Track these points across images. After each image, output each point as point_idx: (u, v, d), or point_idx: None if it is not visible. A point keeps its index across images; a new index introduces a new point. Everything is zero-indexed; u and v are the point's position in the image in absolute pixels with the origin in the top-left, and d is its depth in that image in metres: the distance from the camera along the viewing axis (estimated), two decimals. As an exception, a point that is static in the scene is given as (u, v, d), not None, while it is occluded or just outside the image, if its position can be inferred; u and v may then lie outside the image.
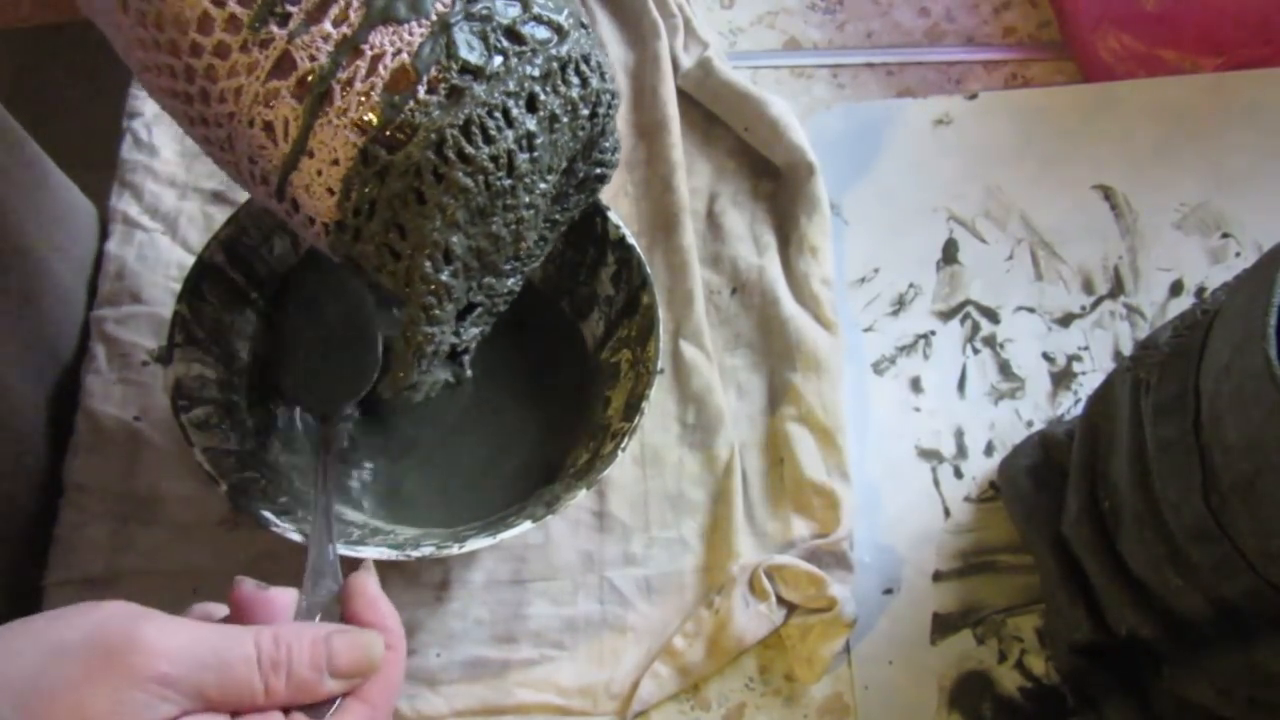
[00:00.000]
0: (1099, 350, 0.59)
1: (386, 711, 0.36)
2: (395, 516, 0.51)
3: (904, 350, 0.59)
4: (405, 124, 0.36)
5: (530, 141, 0.38)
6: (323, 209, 0.38)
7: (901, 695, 0.50)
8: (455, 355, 0.42)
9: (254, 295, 0.52)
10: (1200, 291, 0.60)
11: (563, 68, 0.38)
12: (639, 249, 0.52)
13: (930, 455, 0.56)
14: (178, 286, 0.51)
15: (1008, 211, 0.62)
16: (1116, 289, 0.60)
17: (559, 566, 0.53)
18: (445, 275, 0.38)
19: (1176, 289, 0.60)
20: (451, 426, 0.54)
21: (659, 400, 0.56)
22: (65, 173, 0.60)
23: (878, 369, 0.58)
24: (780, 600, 0.51)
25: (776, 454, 0.55)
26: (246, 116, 0.37)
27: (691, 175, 0.62)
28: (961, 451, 0.56)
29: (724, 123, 0.64)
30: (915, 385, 0.58)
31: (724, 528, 0.53)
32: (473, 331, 0.42)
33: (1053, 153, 0.64)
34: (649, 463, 0.55)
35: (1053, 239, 0.62)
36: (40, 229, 0.57)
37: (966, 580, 0.53)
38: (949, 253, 0.61)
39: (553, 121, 0.38)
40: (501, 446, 0.54)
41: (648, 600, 0.52)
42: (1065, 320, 0.60)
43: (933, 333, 0.59)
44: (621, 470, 0.55)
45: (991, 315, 0.60)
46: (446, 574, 0.53)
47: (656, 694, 0.50)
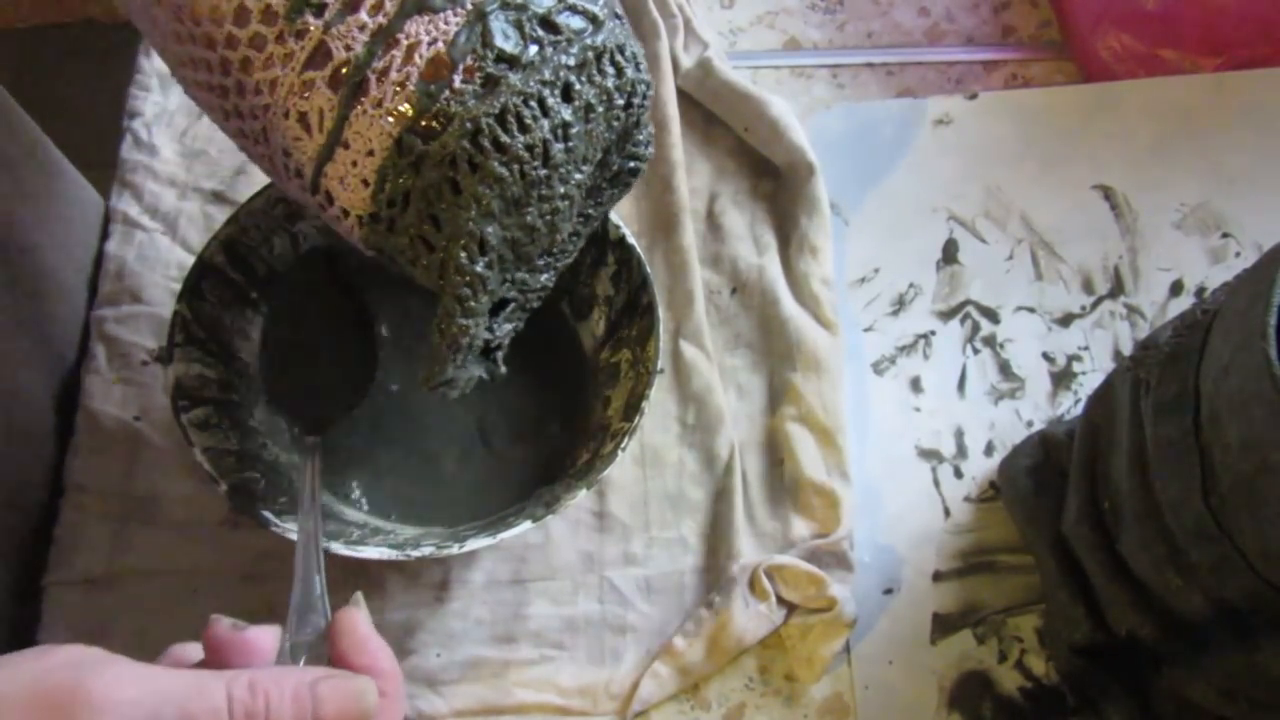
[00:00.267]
0: (1099, 350, 0.59)
1: None
2: (395, 516, 0.52)
3: (904, 350, 0.59)
4: (440, 113, 0.36)
5: (566, 131, 0.37)
6: (356, 201, 0.38)
7: (901, 695, 0.50)
8: (489, 352, 0.42)
9: (254, 295, 0.52)
10: (1200, 291, 0.60)
11: (598, 57, 0.38)
12: (639, 249, 0.52)
13: (930, 455, 0.56)
14: (178, 286, 0.51)
15: (1008, 211, 0.62)
16: (1116, 289, 0.60)
17: (559, 566, 0.53)
18: (480, 266, 0.38)
19: (1176, 289, 0.60)
20: (451, 426, 0.54)
21: (659, 400, 0.56)
22: (66, 173, 0.60)
23: (878, 369, 0.58)
24: (780, 600, 0.51)
25: (776, 454, 0.55)
26: (281, 108, 0.38)
27: (691, 175, 0.62)
28: (961, 451, 0.56)
29: (724, 123, 0.64)
30: (915, 385, 0.58)
31: (724, 528, 0.53)
32: (506, 328, 0.42)
33: (1053, 153, 0.64)
34: (649, 463, 0.55)
35: (1053, 239, 0.62)
36: (49, 228, 0.57)
37: (966, 580, 0.53)
38: (949, 253, 0.61)
39: (588, 111, 0.38)
40: (501, 446, 0.54)
41: (648, 600, 0.52)
42: (1065, 320, 0.60)
43: (933, 333, 0.59)
44: (621, 470, 0.55)
45: (991, 315, 0.60)
46: (446, 574, 0.53)
47: (656, 694, 0.50)
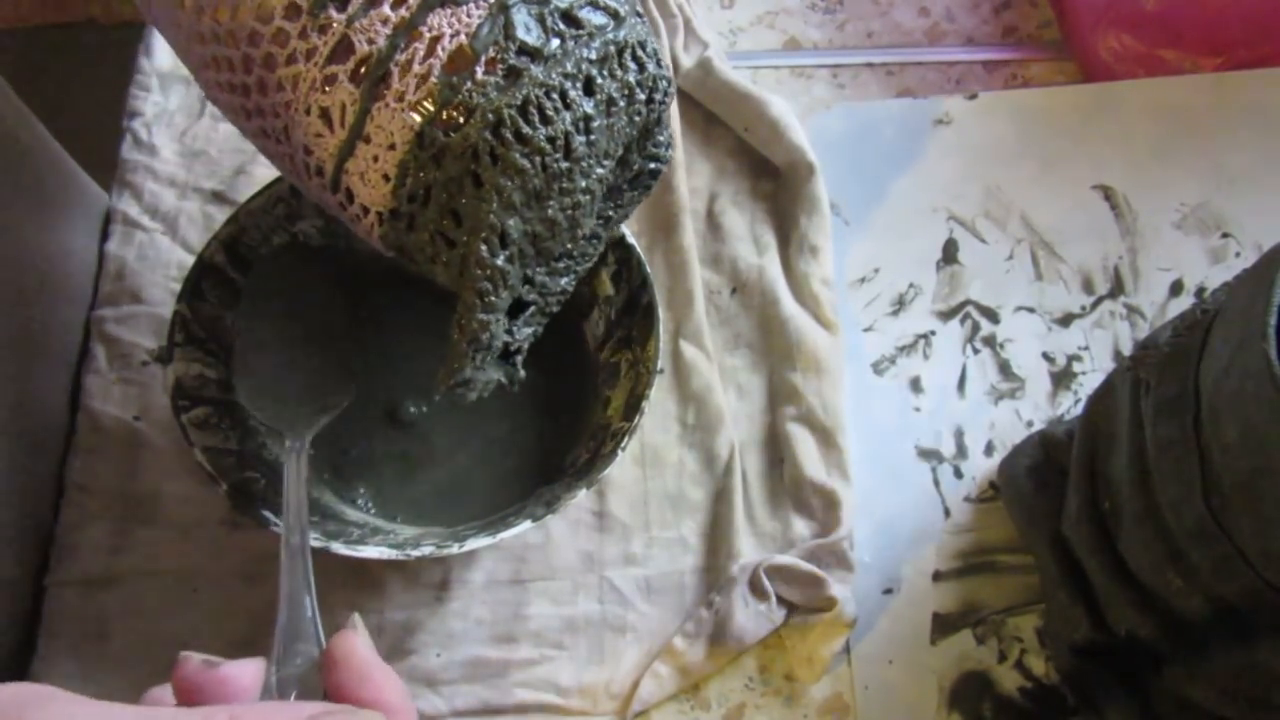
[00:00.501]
0: (1099, 350, 0.59)
1: None
2: (395, 516, 0.52)
3: (904, 350, 0.59)
4: (463, 105, 0.36)
5: (587, 124, 0.37)
6: (377, 197, 0.38)
7: (901, 695, 0.50)
8: (508, 355, 0.42)
9: (254, 295, 0.52)
10: (1200, 291, 0.60)
11: (620, 52, 0.38)
12: (639, 249, 0.52)
13: (930, 455, 0.56)
14: (178, 286, 0.51)
15: (1008, 211, 0.62)
16: (1116, 289, 0.60)
17: (559, 566, 0.53)
18: (500, 260, 0.38)
19: (1176, 289, 0.60)
20: (451, 426, 0.54)
21: (659, 400, 0.56)
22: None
23: (878, 369, 0.58)
24: (780, 600, 0.51)
25: (776, 454, 0.55)
26: (304, 104, 0.38)
27: (691, 175, 0.62)
28: (961, 451, 0.56)
29: (724, 123, 0.64)
30: (915, 385, 0.58)
31: (724, 528, 0.53)
32: (526, 331, 0.42)
33: (1053, 153, 0.64)
34: (649, 463, 0.55)
35: (1053, 239, 0.62)
36: (55, 227, 0.57)
37: (966, 580, 0.53)
38: (949, 253, 0.61)
39: (610, 105, 0.38)
40: (501, 446, 0.54)
41: (648, 600, 0.52)
42: (1065, 320, 0.60)
43: (933, 333, 0.59)
44: (621, 470, 0.55)
45: (991, 315, 0.60)
46: (446, 574, 0.53)
47: (656, 694, 0.50)
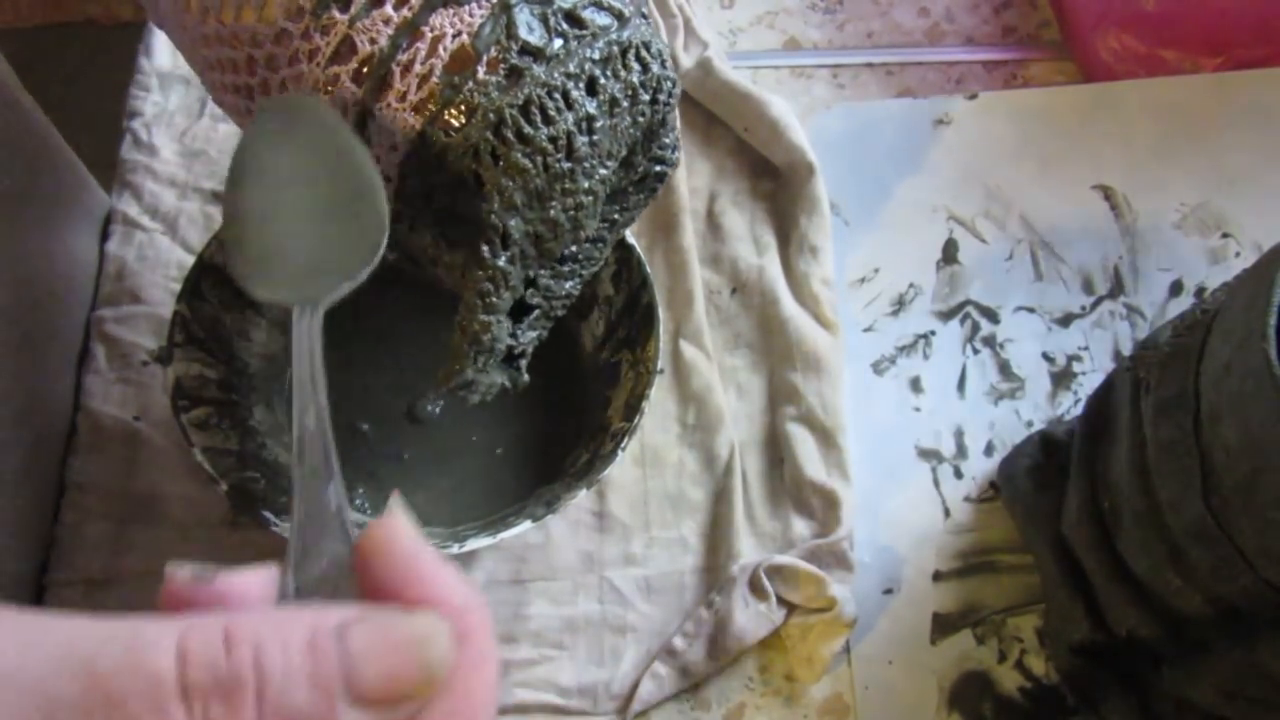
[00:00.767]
0: (1099, 350, 0.59)
1: None
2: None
3: (904, 350, 0.59)
4: (464, 104, 0.36)
5: (590, 124, 0.37)
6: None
7: (901, 695, 0.50)
8: (512, 359, 0.42)
9: (254, 295, 0.52)
10: (1200, 291, 0.60)
11: (623, 52, 0.38)
12: (639, 249, 0.52)
13: (930, 455, 0.56)
14: (178, 286, 0.51)
15: (1008, 211, 0.62)
16: (1116, 289, 0.60)
17: (559, 566, 0.53)
18: (503, 260, 0.37)
19: (1176, 289, 0.60)
20: (451, 427, 0.54)
21: (659, 400, 0.56)
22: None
23: (878, 369, 0.58)
24: (780, 600, 0.51)
25: (776, 454, 0.55)
26: None
27: (691, 175, 0.62)
28: (961, 451, 0.56)
29: (724, 123, 0.64)
30: (915, 385, 0.58)
31: (724, 528, 0.53)
32: (530, 335, 0.42)
33: (1053, 153, 0.64)
34: (649, 463, 0.55)
35: (1053, 239, 0.62)
36: (60, 227, 0.57)
37: (966, 580, 0.53)
38: (949, 253, 0.61)
39: (613, 105, 0.38)
40: (501, 446, 0.54)
41: (648, 600, 0.52)
42: (1065, 320, 0.60)
43: (933, 333, 0.59)
44: (621, 470, 0.55)
45: (991, 315, 0.60)
46: (446, 574, 0.52)
47: (656, 694, 0.50)
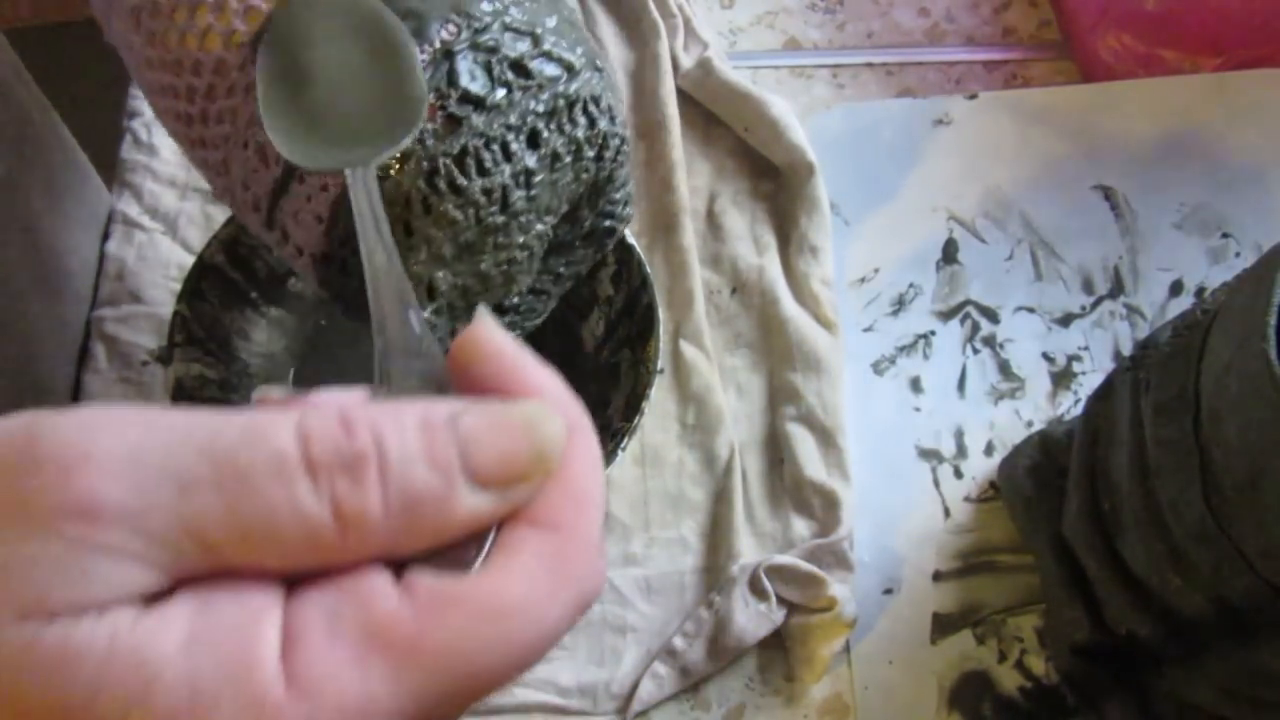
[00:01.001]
0: (1099, 350, 0.59)
1: (588, 542, 0.20)
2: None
3: (904, 350, 0.59)
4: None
5: (528, 178, 0.36)
6: (311, 238, 0.37)
7: (901, 695, 0.50)
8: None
9: (254, 295, 0.52)
10: (1200, 291, 0.60)
11: (570, 106, 0.37)
12: (639, 249, 0.52)
13: (930, 455, 0.56)
14: (178, 286, 0.51)
15: (1008, 211, 0.62)
16: (1116, 289, 0.60)
17: (559, 566, 0.53)
18: (428, 313, 0.36)
19: (1176, 289, 0.60)
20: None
21: (659, 400, 0.56)
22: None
23: (878, 369, 0.58)
24: (780, 600, 0.51)
25: (776, 454, 0.55)
26: (241, 138, 0.37)
27: (691, 175, 0.62)
28: (961, 451, 0.56)
29: (724, 123, 0.64)
30: (915, 385, 0.58)
31: (724, 528, 0.53)
32: None
33: (1053, 153, 0.64)
34: (649, 463, 0.55)
35: (1053, 239, 0.62)
36: (68, 228, 0.57)
37: (966, 580, 0.53)
38: (949, 253, 0.61)
39: (554, 160, 0.37)
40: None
41: (648, 600, 0.52)
42: (1065, 320, 0.60)
43: (933, 333, 0.59)
44: (621, 470, 0.55)
45: (991, 315, 0.60)
46: (446, 574, 0.52)
47: (656, 694, 0.50)
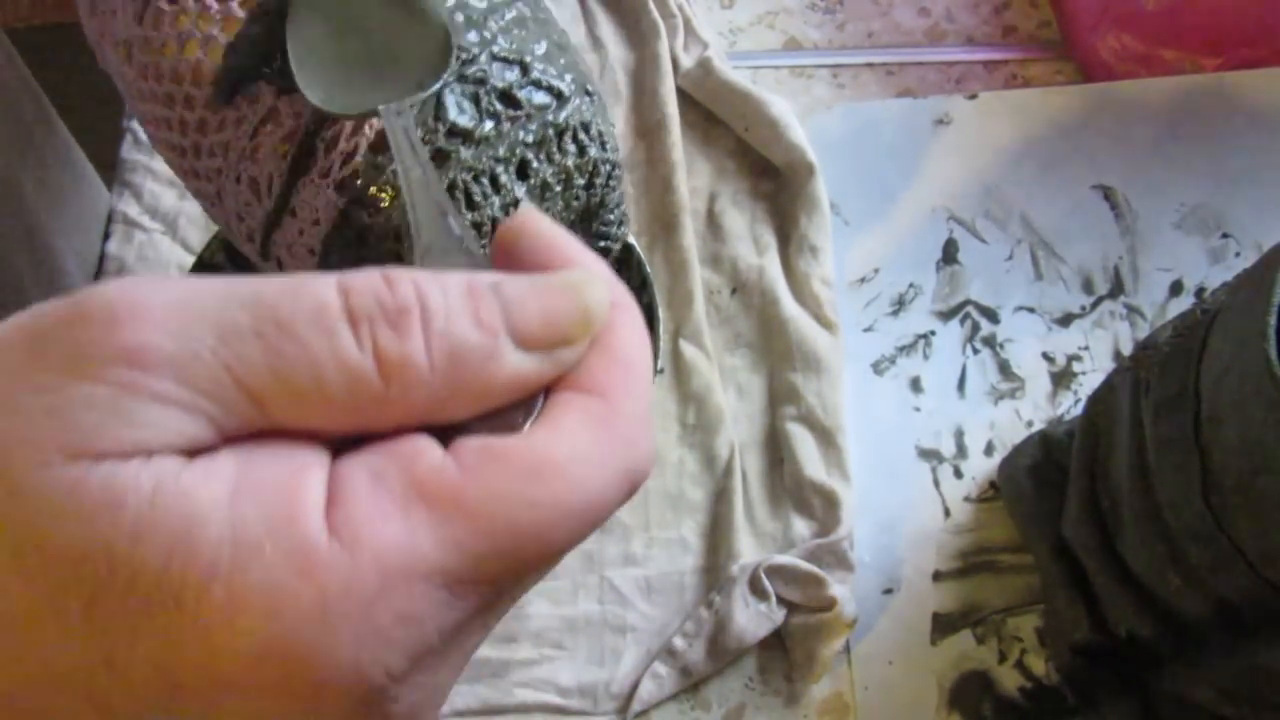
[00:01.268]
0: (1099, 350, 0.59)
1: (635, 411, 0.20)
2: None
3: (904, 350, 0.59)
4: (387, 184, 0.36)
5: (518, 209, 0.36)
6: (304, 270, 0.37)
7: (901, 695, 0.50)
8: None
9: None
10: (1200, 291, 0.60)
11: (559, 135, 0.37)
12: (639, 249, 0.52)
13: (930, 455, 0.56)
14: (178, 286, 0.51)
15: (1008, 211, 0.62)
16: (1116, 289, 0.60)
17: (559, 566, 0.53)
18: None
19: (1176, 289, 0.60)
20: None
21: (659, 400, 0.56)
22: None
23: (878, 369, 0.58)
24: (780, 600, 0.51)
25: (776, 454, 0.55)
26: (234, 172, 0.37)
27: (691, 175, 0.62)
28: (961, 451, 0.56)
29: (724, 123, 0.64)
30: (915, 385, 0.58)
31: (724, 528, 0.53)
32: None
33: (1053, 153, 0.64)
34: (649, 463, 0.55)
35: (1053, 239, 0.62)
36: (69, 229, 0.57)
37: (966, 580, 0.53)
38: (949, 253, 0.61)
39: (544, 190, 0.37)
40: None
41: (648, 600, 0.52)
42: (1065, 320, 0.60)
43: (933, 333, 0.59)
44: (621, 470, 0.55)
45: (991, 315, 0.60)
46: (446, 574, 0.52)
47: (656, 694, 0.50)
